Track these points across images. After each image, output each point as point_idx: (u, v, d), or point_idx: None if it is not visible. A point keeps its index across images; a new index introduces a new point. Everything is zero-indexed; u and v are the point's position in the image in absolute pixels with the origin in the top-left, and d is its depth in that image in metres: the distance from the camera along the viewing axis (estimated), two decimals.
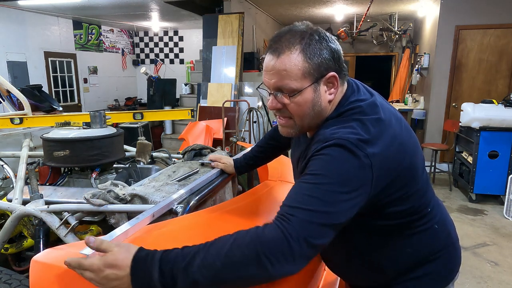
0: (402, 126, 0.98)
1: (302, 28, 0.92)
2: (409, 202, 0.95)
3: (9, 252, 1.63)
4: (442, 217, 1.08)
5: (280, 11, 7.36)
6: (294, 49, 0.89)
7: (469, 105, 4.35)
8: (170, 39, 9.99)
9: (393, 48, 8.23)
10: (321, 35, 0.91)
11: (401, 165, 0.91)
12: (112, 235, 0.91)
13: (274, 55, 0.91)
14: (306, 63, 0.88)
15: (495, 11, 5.25)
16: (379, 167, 0.85)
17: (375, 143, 0.86)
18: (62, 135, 1.72)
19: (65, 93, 8.06)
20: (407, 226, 0.99)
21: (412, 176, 0.95)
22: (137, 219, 1.02)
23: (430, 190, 1.05)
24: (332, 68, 0.91)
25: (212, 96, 5.69)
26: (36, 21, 7.22)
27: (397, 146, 0.90)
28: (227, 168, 1.55)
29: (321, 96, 0.92)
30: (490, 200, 4.43)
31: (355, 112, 0.92)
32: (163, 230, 1.01)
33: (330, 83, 0.92)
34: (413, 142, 0.99)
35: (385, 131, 0.90)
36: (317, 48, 0.89)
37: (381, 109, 0.95)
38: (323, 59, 0.89)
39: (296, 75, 0.89)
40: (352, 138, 0.84)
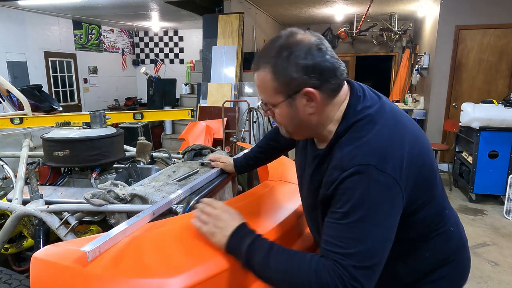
0: (416, 127, 0.98)
1: (279, 42, 0.90)
2: (432, 206, 0.96)
3: (9, 252, 1.63)
4: (455, 219, 1.09)
5: (280, 11, 7.36)
6: (266, 67, 0.91)
7: (469, 105, 4.35)
8: (170, 39, 9.99)
9: (393, 48, 8.23)
10: (292, 51, 0.87)
11: (425, 166, 0.92)
12: (112, 233, 0.91)
13: (254, 70, 0.95)
14: (275, 81, 0.90)
15: (495, 11, 5.25)
16: (405, 177, 0.86)
17: (395, 153, 0.86)
18: (62, 135, 1.72)
19: (65, 93, 8.06)
20: (428, 231, 0.99)
21: (434, 177, 0.96)
22: (137, 217, 1.03)
23: (443, 190, 1.06)
24: (307, 83, 0.88)
25: (212, 96, 5.69)
26: (36, 21, 7.22)
27: (419, 148, 0.92)
28: (226, 167, 1.55)
29: (299, 110, 0.92)
30: (490, 200, 4.43)
31: (366, 122, 0.90)
32: (163, 229, 1.01)
33: (308, 98, 0.90)
34: (427, 141, 1.00)
35: (403, 136, 0.90)
36: (283, 67, 0.88)
37: (393, 113, 0.94)
38: (290, 77, 0.88)
39: (269, 91, 0.93)
40: (372, 160, 0.83)
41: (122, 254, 0.89)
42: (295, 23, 8.81)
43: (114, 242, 0.91)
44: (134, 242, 0.94)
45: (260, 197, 1.40)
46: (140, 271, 0.84)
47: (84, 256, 0.83)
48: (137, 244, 0.93)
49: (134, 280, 0.81)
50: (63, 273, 0.83)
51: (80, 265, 0.83)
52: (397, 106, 1.02)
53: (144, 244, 0.93)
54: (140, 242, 0.93)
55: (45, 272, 0.85)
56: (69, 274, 0.82)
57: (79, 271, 0.82)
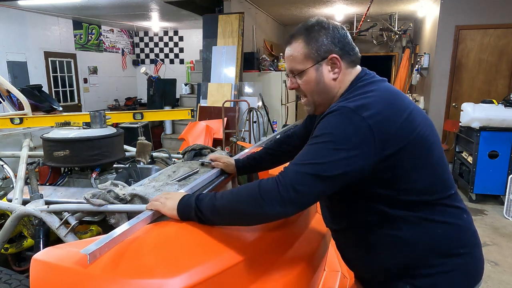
0: (413, 104, 1.06)
1: (310, 22, 1.11)
2: (428, 175, 1.01)
3: (9, 252, 1.63)
4: (469, 216, 1.12)
5: (280, 11, 7.36)
6: (298, 39, 1.10)
7: (469, 105, 4.35)
8: (170, 39, 9.99)
9: (393, 48, 8.24)
10: (323, 25, 1.08)
11: (412, 134, 0.98)
12: (112, 235, 0.91)
13: (286, 45, 1.14)
14: (306, 48, 1.08)
15: (495, 11, 5.25)
16: (381, 130, 0.93)
17: (376, 107, 0.96)
18: (62, 135, 1.72)
19: (65, 93, 8.06)
20: (434, 203, 1.02)
21: (425, 146, 1.01)
22: (137, 218, 1.02)
23: (450, 175, 1.10)
24: (333, 51, 1.07)
25: (212, 96, 5.69)
26: (36, 21, 7.22)
27: (407, 116, 0.99)
28: (227, 168, 1.54)
29: (324, 75, 1.09)
30: (490, 200, 4.43)
31: (364, 85, 1.06)
32: (163, 230, 1.01)
33: (333, 64, 1.08)
34: (429, 122, 1.07)
35: (395, 100, 1.01)
36: (316, 36, 1.07)
37: (390, 86, 1.08)
38: (321, 44, 1.07)
39: (300, 58, 1.10)
40: (350, 104, 0.96)
41: (122, 255, 0.89)
42: (295, 23, 8.79)
43: (115, 244, 0.91)
44: (135, 243, 0.93)
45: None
46: (141, 271, 0.84)
47: (84, 258, 0.83)
48: (137, 245, 0.93)
49: (134, 281, 0.81)
50: (64, 275, 0.83)
51: (80, 266, 0.83)
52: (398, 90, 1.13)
53: (145, 245, 0.94)
54: (141, 243, 0.93)
55: (45, 274, 0.85)
56: (69, 276, 0.82)
57: (80, 272, 0.82)
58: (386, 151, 0.94)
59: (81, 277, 0.82)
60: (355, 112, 0.94)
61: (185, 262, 0.89)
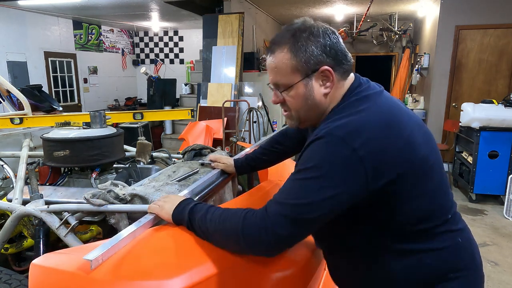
0: (413, 120, 0.95)
1: (295, 26, 0.96)
2: (425, 203, 0.91)
3: (9, 252, 1.63)
4: (467, 234, 1.00)
5: (280, 11, 7.36)
6: (283, 48, 0.95)
7: (469, 105, 4.35)
8: (170, 39, 9.99)
9: (393, 48, 8.23)
10: (312, 31, 0.93)
11: (410, 159, 0.88)
12: (114, 240, 0.91)
13: (269, 54, 0.99)
14: (293, 60, 0.93)
15: (495, 11, 5.25)
16: (374, 160, 0.83)
17: (369, 132, 0.85)
18: (62, 135, 1.72)
19: (65, 93, 8.06)
20: (426, 231, 0.92)
21: (424, 171, 0.91)
22: (139, 222, 1.03)
23: (450, 197, 0.99)
24: (324, 62, 0.93)
25: (212, 96, 5.69)
26: (36, 21, 7.22)
27: (406, 138, 0.89)
28: (227, 168, 1.53)
29: (314, 89, 0.96)
30: (490, 200, 4.43)
31: (357, 100, 0.94)
32: (164, 233, 1.01)
33: (324, 77, 0.95)
34: (427, 138, 0.96)
35: (390, 120, 0.89)
36: (304, 45, 0.92)
37: (390, 100, 0.96)
38: (311, 54, 0.92)
39: (286, 71, 0.95)
40: (339, 131, 0.85)
41: (124, 259, 0.88)
42: None
43: (117, 249, 0.91)
44: (136, 247, 0.94)
45: (260, 197, 1.40)
46: (141, 275, 0.84)
47: (86, 263, 0.83)
48: (138, 249, 0.93)
49: (135, 283, 0.82)
50: (65, 280, 0.83)
51: (83, 272, 0.83)
52: (399, 100, 1.03)
53: (145, 249, 0.94)
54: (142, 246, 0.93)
55: (44, 279, 0.84)
56: (71, 281, 0.82)
57: (82, 277, 0.82)
58: (379, 183, 0.85)
59: (84, 283, 0.81)
60: (345, 142, 0.83)
61: (184, 263, 0.90)
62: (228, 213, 0.94)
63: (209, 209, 0.98)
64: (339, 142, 0.84)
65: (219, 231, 0.92)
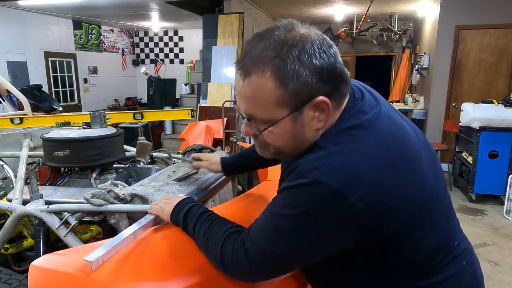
0: (419, 139, 0.81)
1: (280, 37, 0.70)
2: (430, 242, 0.77)
3: (9, 252, 1.63)
4: (469, 254, 0.89)
5: (280, 11, 7.36)
6: (264, 71, 0.69)
7: (469, 105, 4.35)
8: (170, 39, 9.99)
9: (393, 48, 8.23)
10: (304, 47, 0.69)
11: (417, 199, 0.73)
12: (115, 241, 0.91)
13: (241, 74, 0.73)
14: (279, 90, 0.70)
15: (495, 11, 5.25)
16: (376, 211, 0.68)
17: (370, 176, 0.68)
18: (62, 135, 1.72)
19: (65, 93, 8.06)
20: (433, 266, 0.79)
21: (430, 206, 0.77)
22: (139, 223, 1.03)
23: (454, 218, 0.88)
24: (320, 91, 0.71)
25: (212, 96, 5.69)
26: (36, 21, 7.22)
27: (413, 173, 0.74)
28: (211, 166, 1.36)
29: (305, 125, 0.74)
30: (490, 200, 4.43)
31: (355, 126, 0.74)
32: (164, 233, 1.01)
33: (318, 109, 0.72)
34: (433, 158, 0.83)
35: (396, 148, 0.73)
36: (294, 69, 0.68)
37: (389, 120, 0.78)
38: (303, 83, 0.69)
39: (267, 104, 0.72)
40: (332, 179, 0.66)
41: (124, 260, 0.88)
42: None
43: (117, 250, 0.91)
44: (136, 248, 0.93)
45: (260, 197, 1.39)
46: (142, 274, 0.84)
47: (86, 264, 0.83)
48: (139, 250, 0.93)
49: (136, 284, 0.82)
50: (65, 282, 0.82)
51: (83, 273, 0.82)
52: (396, 115, 0.84)
53: (146, 249, 0.94)
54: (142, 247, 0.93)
55: (43, 281, 0.84)
56: (71, 283, 0.82)
57: (82, 279, 0.82)
58: (377, 235, 0.71)
59: (84, 284, 0.81)
60: (339, 195, 0.66)
61: (185, 264, 0.90)
62: (212, 231, 0.87)
63: (199, 218, 0.92)
64: (331, 194, 0.66)
65: (204, 248, 0.89)
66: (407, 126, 0.82)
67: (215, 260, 0.85)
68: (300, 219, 0.70)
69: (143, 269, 0.86)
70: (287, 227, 0.71)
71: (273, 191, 1.46)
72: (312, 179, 0.68)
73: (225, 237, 0.83)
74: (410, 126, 0.84)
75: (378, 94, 0.87)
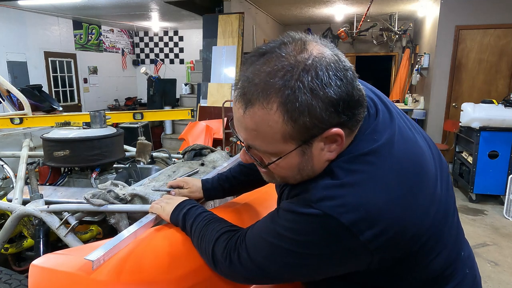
0: (434, 156, 0.77)
1: (288, 58, 0.60)
2: (442, 256, 0.73)
3: (9, 252, 1.63)
4: (472, 258, 0.88)
5: (280, 11, 7.36)
6: (270, 102, 0.60)
7: (469, 105, 4.35)
8: (170, 39, 9.99)
9: (393, 48, 8.24)
10: (317, 75, 0.59)
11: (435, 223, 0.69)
12: (116, 240, 0.91)
13: (241, 102, 0.64)
14: (287, 125, 0.61)
15: (495, 11, 5.25)
16: (387, 249, 0.64)
17: (386, 217, 0.62)
18: (62, 135, 1.72)
19: (65, 93, 8.06)
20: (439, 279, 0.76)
21: (444, 225, 0.73)
22: (140, 222, 1.02)
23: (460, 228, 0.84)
24: (334, 123, 0.62)
25: (212, 96, 5.69)
26: (36, 21, 7.22)
27: (430, 199, 0.68)
28: (192, 194, 1.18)
29: (314, 157, 0.66)
30: (490, 200, 4.43)
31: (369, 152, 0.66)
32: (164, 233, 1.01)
33: (330, 140, 0.65)
34: (446, 173, 0.79)
35: (412, 183, 0.67)
36: (306, 103, 0.59)
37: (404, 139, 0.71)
38: (316, 117, 0.60)
39: (272, 139, 0.64)
40: (350, 218, 0.60)
41: (125, 259, 0.88)
42: (295, 23, 8.81)
43: (118, 249, 0.91)
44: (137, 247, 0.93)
45: (260, 197, 1.39)
46: (143, 274, 0.84)
47: (87, 263, 0.83)
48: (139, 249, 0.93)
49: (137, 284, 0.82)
50: (66, 281, 0.82)
51: (84, 272, 0.82)
52: (411, 131, 0.77)
53: (147, 249, 0.94)
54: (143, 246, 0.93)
55: (44, 280, 0.84)
56: (72, 282, 0.82)
57: (84, 278, 0.82)
58: (387, 264, 0.67)
59: (85, 284, 0.81)
60: (351, 233, 0.60)
61: (185, 264, 0.90)
62: (207, 230, 0.87)
63: (196, 218, 0.92)
64: (342, 230, 0.61)
65: (198, 248, 0.89)
66: (422, 143, 0.76)
67: (206, 257, 0.85)
68: (303, 246, 0.65)
69: (144, 269, 0.86)
70: (286, 249, 0.66)
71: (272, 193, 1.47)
72: (321, 212, 0.62)
73: (219, 235, 0.83)
74: (424, 140, 0.78)
75: (391, 104, 0.79)
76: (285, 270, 0.70)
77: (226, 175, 1.19)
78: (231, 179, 1.18)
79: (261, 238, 0.72)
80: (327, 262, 0.66)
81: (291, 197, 0.73)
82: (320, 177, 0.68)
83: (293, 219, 0.66)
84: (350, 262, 0.66)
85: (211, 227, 0.87)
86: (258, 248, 0.73)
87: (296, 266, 0.68)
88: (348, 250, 0.63)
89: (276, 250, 0.68)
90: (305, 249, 0.65)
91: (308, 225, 0.64)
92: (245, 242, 0.76)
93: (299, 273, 0.71)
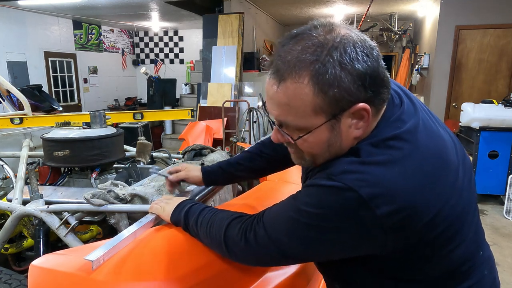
0: (457, 149, 0.78)
1: (318, 37, 0.65)
2: (460, 249, 0.74)
3: (9, 252, 1.63)
4: (492, 260, 0.88)
5: (280, 11, 7.36)
6: (302, 76, 0.64)
7: (469, 105, 4.35)
8: (170, 39, 9.99)
9: (393, 48, 8.24)
10: (346, 50, 0.64)
11: (453, 213, 0.70)
12: (115, 241, 0.91)
13: (275, 79, 0.68)
14: (318, 97, 0.65)
15: (495, 11, 5.25)
16: (400, 229, 0.65)
17: (401, 198, 0.64)
18: (62, 135, 1.72)
19: (65, 93, 8.06)
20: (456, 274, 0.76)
21: (464, 220, 0.74)
22: (140, 222, 1.02)
23: (480, 226, 0.84)
24: (361, 97, 0.66)
25: (212, 96, 5.69)
26: (36, 21, 7.22)
27: (450, 189, 0.70)
28: (188, 174, 1.21)
29: (342, 133, 0.69)
30: (490, 200, 4.42)
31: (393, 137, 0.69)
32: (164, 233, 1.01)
33: (357, 116, 0.68)
34: (468, 171, 0.81)
35: (434, 172, 0.69)
36: (335, 75, 0.63)
37: (427, 129, 0.74)
38: (344, 89, 0.64)
39: (303, 111, 0.67)
40: (364, 188, 0.63)
41: (125, 259, 0.88)
42: (295, 23, 8.81)
43: (118, 249, 0.91)
44: (136, 247, 0.94)
45: (260, 197, 1.40)
46: (143, 274, 0.84)
47: (87, 263, 0.83)
48: (139, 249, 0.93)
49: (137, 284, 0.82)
50: (66, 281, 0.82)
51: (82, 271, 0.82)
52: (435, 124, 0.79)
53: (146, 249, 0.94)
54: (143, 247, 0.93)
55: (43, 280, 0.84)
56: (72, 282, 0.82)
57: (83, 278, 0.82)
58: (400, 245, 0.68)
59: (85, 284, 0.81)
60: (367, 206, 0.63)
61: (185, 264, 0.90)
62: (216, 218, 0.88)
63: (201, 212, 0.93)
64: (359, 203, 0.63)
65: (208, 236, 0.89)
66: (445, 136, 0.77)
67: (217, 243, 0.85)
68: (320, 219, 0.67)
69: (143, 269, 0.86)
70: (304, 222, 0.69)
71: (273, 191, 1.47)
72: (341, 184, 0.65)
73: (231, 220, 0.84)
74: (448, 135, 0.80)
75: (416, 99, 0.81)
76: (301, 246, 0.71)
77: (229, 160, 1.23)
78: (234, 164, 1.20)
79: (280, 215, 0.75)
80: (343, 238, 0.68)
81: (312, 177, 0.76)
82: (344, 156, 0.71)
83: (314, 193, 0.69)
84: (364, 240, 0.68)
85: (220, 216, 0.88)
86: (276, 223, 0.75)
87: (313, 241, 0.70)
88: (364, 225, 0.65)
89: (294, 224, 0.71)
90: (322, 221, 0.67)
91: (328, 196, 0.66)
92: (262, 221, 0.78)
93: (315, 250, 0.72)
